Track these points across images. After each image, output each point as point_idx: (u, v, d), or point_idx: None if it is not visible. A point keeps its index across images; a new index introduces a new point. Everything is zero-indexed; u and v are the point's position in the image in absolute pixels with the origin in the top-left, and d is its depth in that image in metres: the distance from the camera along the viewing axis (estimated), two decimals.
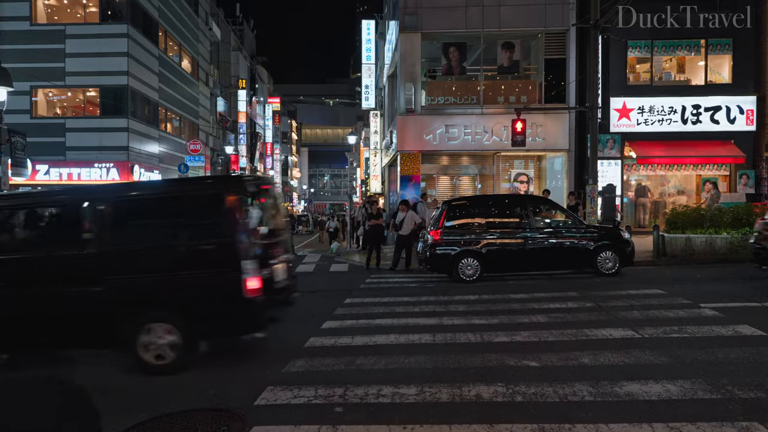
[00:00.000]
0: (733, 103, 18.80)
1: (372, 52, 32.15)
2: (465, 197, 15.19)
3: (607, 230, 11.56)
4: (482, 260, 11.00)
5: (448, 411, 4.28)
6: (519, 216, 11.48)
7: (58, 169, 21.01)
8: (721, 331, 6.31)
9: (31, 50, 21.03)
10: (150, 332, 5.50)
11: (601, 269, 10.89)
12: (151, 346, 5.50)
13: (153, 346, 5.50)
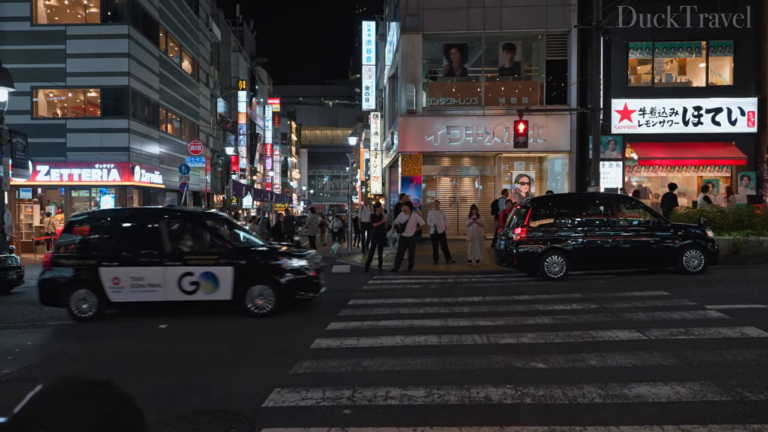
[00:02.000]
0: (734, 104, 18.82)
1: (372, 53, 32.15)
2: (550, 195, 15.17)
3: (693, 229, 11.41)
4: (567, 258, 11.11)
5: (457, 413, 4.26)
6: (604, 214, 11.56)
7: (58, 170, 20.96)
8: (728, 332, 6.29)
9: (32, 51, 20.99)
10: None
11: (686, 267, 10.93)
12: None
13: None
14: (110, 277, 8.43)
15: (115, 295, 8.45)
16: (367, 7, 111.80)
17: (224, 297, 8.34)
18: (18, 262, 12.71)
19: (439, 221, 14.65)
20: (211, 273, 8.31)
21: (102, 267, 8.48)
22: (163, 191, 25.27)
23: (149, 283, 8.36)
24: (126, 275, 8.42)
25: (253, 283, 8.37)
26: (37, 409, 0.86)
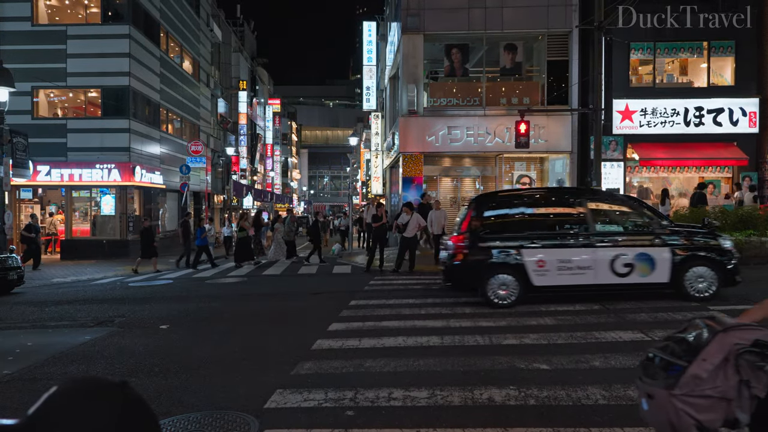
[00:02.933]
0: (736, 105, 18.79)
1: (373, 53, 32.13)
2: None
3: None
4: None
5: (461, 414, 4.23)
6: None
7: (59, 170, 20.93)
8: None
9: (33, 51, 20.97)
10: None
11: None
12: None
13: None
14: (534, 260, 8.25)
15: (539, 279, 8.26)
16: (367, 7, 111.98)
17: (661, 279, 8.12)
18: (18, 262, 12.70)
19: (439, 222, 14.63)
20: (647, 254, 8.10)
21: (525, 249, 8.32)
22: (164, 191, 25.25)
23: (578, 266, 8.15)
24: (552, 258, 8.25)
25: (692, 264, 8.13)
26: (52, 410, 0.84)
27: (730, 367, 2.52)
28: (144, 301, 10.34)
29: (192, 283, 13.43)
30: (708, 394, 2.50)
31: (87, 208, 22.29)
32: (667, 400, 2.53)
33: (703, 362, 2.54)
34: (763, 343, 2.52)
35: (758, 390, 2.53)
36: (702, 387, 2.50)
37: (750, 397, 2.53)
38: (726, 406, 2.52)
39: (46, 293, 12.15)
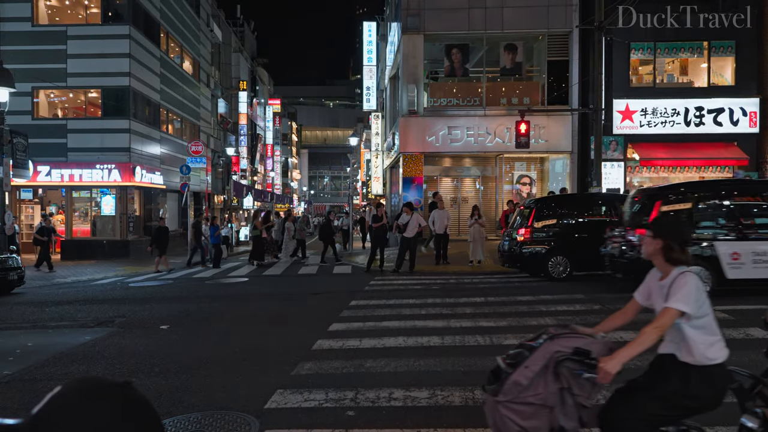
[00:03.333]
0: (736, 105, 18.79)
1: (373, 53, 32.13)
2: (553, 196, 14.75)
3: None
4: (572, 258, 11.05)
5: (462, 414, 4.23)
6: (607, 214, 11.54)
7: (59, 170, 20.92)
8: (732, 333, 6.26)
9: (33, 51, 20.96)
10: None
11: None
12: None
13: None
14: (729, 252, 8.22)
15: (732, 272, 8.27)
16: (367, 7, 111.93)
17: None
18: (19, 262, 12.69)
19: (442, 222, 14.63)
20: None
21: (718, 242, 8.25)
22: (164, 192, 25.25)
23: None
24: (747, 250, 8.25)
25: None
26: (55, 410, 0.84)
27: (550, 374, 2.54)
28: (144, 302, 10.34)
29: (192, 283, 13.42)
30: (530, 401, 2.52)
31: (87, 209, 22.28)
32: (494, 406, 2.56)
33: (525, 369, 2.58)
34: (582, 351, 2.56)
35: (582, 398, 2.58)
36: (524, 394, 2.52)
37: (575, 404, 2.57)
38: (549, 414, 2.54)
39: (47, 293, 12.14)
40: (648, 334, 2.60)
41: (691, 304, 2.64)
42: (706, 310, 2.73)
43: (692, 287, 2.67)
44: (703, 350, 2.70)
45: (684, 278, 2.71)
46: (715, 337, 2.73)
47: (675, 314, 2.64)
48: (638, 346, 2.57)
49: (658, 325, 2.62)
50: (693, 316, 2.66)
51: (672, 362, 2.77)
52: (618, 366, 2.51)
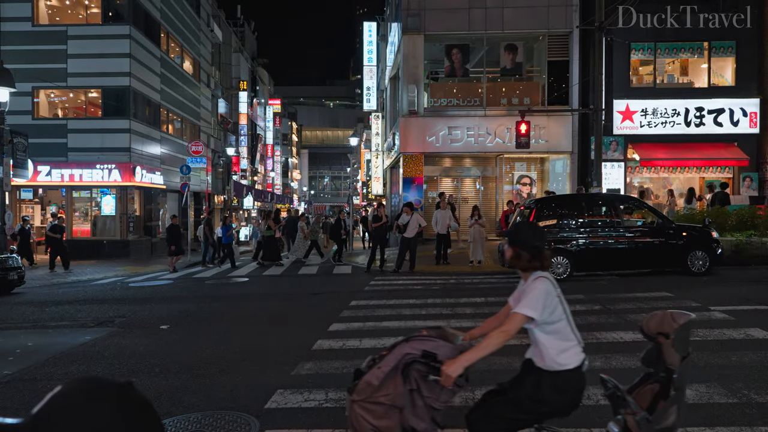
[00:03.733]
0: (737, 105, 18.79)
1: (373, 53, 32.13)
2: (554, 196, 14.71)
3: (697, 230, 11.38)
4: (572, 259, 11.08)
5: (462, 415, 4.21)
6: (608, 215, 11.58)
7: (59, 170, 20.93)
8: (733, 334, 6.26)
9: (33, 51, 20.97)
10: None
11: (691, 268, 10.96)
12: None
13: None
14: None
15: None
16: (367, 7, 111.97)
17: None
18: (19, 262, 12.69)
19: (444, 222, 14.62)
20: None
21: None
22: (164, 192, 25.25)
23: None
24: None
25: None
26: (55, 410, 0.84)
27: (399, 376, 2.59)
28: (144, 302, 10.34)
29: (192, 283, 13.42)
30: (381, 401, 2.58)
31: (87, 209, 22.28)
32: (350, 405, 2.64)
33: (377, 370, 2.64)
34: (429, 354, 2.61)
35: (432, 400, 2.61)
36: (376, 394, 2.58)
37: (426, 406, 2.60)
38: (399, 414, 2.58)
39: (47, 293, 12.14)
40: (493, 339, 2.62)
41: (538, 309, 2.64)
42: (558, 316, 2.72)
43: (540, 293, 2.67)
44: (554, 356, 2.71)
45: (534, 284, 2.72)
46: (569, 343, 2.73)
47: (522, 319, 2.65)
48: (481, 351, 2.60)
49: (504, 330, 2.64)
50: (540, 321, 2.67)
51: (529, 366, 2.81)
52: (459, 369, 2.52)
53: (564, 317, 2.74)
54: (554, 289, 2.72)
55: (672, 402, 2.53)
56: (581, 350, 2.76)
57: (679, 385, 2.55)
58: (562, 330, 2.73)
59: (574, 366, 2.70)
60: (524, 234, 2.86)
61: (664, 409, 2.52)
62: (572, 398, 2.76)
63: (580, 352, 2.76)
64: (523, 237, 2.82)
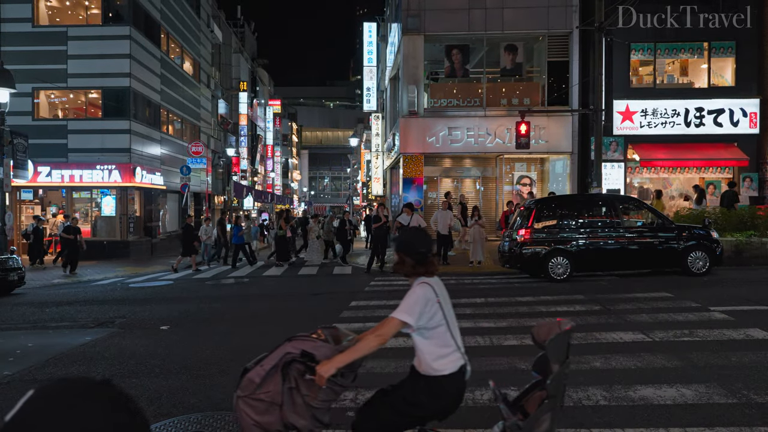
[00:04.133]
0: (737, 105, 18.79)
1: (373, 54, 32.14)
2: (554, 197, 14.75)
3: (697, 230, 11.36)
4: (572, 259, 11.08)
5: (461, 414, 4.21)
6: (608, 215, 11.58)
7: (59, 171, 20.94)
8: (733, 334, 6.26)
9: (33, 52, 20.98)
10: None
11: (691, 269, 10.92)
12: None
13: None
14: None
15: None
16: (367, 8, 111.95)
17: None
18: (19, 263, 12.70)
19: (444, 222, 14.62)
20: None
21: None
22: (164, 192, 25.26)
23: None
24: None
25: None
26: (30, 414, 0.81)
27: (278, 374, 2.67)
28: (144, 302, 10.35)
29: (193, 283, 13.43)
30: (261, 398, 2.65)
31: (87, 209, 22.29)
32: (236, 401, 2.71)
33: (259, 368, 2.72)
34: (308, 353, 2.69)
35: (311, 399, 2.67)
36: (258, 391, 2.65)
37: (306, 404, 2.66)
38: (279, 411, 2.65)
39: (47, 294, 12.15)
40: (367, 341, 2.66)
41: (413, 315, 2.66)
42: (437, 322, 2.73)
43: (417, 299, 2.69)
44: (430, 361, 2.74)
45: (414, 289, 2.75)
46: (447, 349, 2.75)
47: (397, 323, 2.67)
48: (355, 353, 2.63)
49: (379, 334, 2.67)
50: (417, 327, 2.69)
51: (411, 370, 2.86)
52: (331, 370, 2.57)
53: (443, 323, 2.76)
54: (434, 296, 2.74)
55: (545, 409, 2.56)
56: (461, 356, 2.80)
57: (553, 393, 2.57)
58: (440, 336, 2.75)
59: (450, 372, 2.74)
60: (409, 240, 2.88)
61: (537, 416, 2.56)
62: (448, 403, 2.81)
63: (459, 358, 2.79)
64: (408, 243, 2.84)
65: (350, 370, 2.81)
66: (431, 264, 2.83)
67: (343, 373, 2.74)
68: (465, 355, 2.84)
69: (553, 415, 2.59)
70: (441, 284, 2.90)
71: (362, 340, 2.69)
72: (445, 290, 2.91)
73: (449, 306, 2.85)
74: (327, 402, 2.75)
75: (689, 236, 11.11)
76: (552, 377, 2.58)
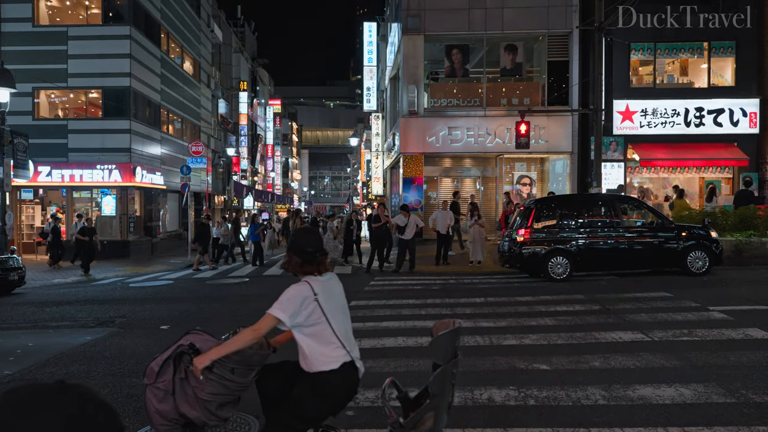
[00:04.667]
0: (736, 105, 18.79)
1: (373, 54, 32.15)
2: (553, 197, 14.70)
3: (696, 230, 11.35)
4: (572, 259, 11.08)
5: (461, 414, 4.24)
6: (608, 215, 11.58)
7: (60, 171, 20.94)
8: (731, 334, 6.27)
9: (34, 52, 20.99)
10: None
11: (691, 269, 10.90)
12: None
13: None
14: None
15: None
16: (367, 7, 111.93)
17: None
18: (19, 262, 12.71)
19: (444, 222, 14.62)
20: None
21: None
22: (165, 192, 25.27)
23: None
24: None
25: None
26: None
27: (170, 365, 2.81)
28: (145, 302, 10.36)
29: (193, 283, 13.44)
30: (160, 387, 2.80)
31: (88, 209, 22.30)
32: (145, 389, 2.86)
33: (159, 358, 2.86)
34: (194, 347, 2.82)
35: (198, 390, 2.77)
36: (157, 380, 2.79)
37: (195, 395, 2.77)
38: (173, 400, 2.79)
39: (47, 294, 12.16)
40: (242, 335, 2.73)
41: (288, 312, 2.72)
42: (315, 320, 2.77)
43: (292, 296, 2.75)
44: (312, 358, 2.80)
45: (291, 287, 2.81)
46: (328, 347, 2.79)
47: (272, 319, 2.73)
48: (229, 346, 2.71)
49: (254, 329, 2.73)
50: (290, 324, 2.75)
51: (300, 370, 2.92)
52: (206, 362, 2.67)
53: (323, 321, 2.78)
54: (312, 294, 2.77)
55: (427, 409, 2.60)
56: (346, 353, 2.81)
57: (435, 392, 2.60)
58: (319, 334, 2.78)
59: (332, 369, 2.78)
60: (297, 240, 2.96)
61: (418, 415, 2.60)
62: (336, 400, 2.84)
63: (344, 355, 2.81)
64: (295, 243, 2.91)
65: (245, 366, 2.87)
66: (319, 263, 2.89)
67: (234, 369, 2.80)
68: (353, 353, 2.85)
69: (437, 415, 2.61)
70: (332, 283, 2.93)
71: (239, 334, 2.75)
72: (335, 288, 2.93)
73: (335, 304, 2.87)
74: (218, 396, 2.82)
75: (689, 236, 11.12)
76: (434, 376, 2.60)
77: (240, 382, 2.87)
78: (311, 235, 2.99)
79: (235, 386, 2.86)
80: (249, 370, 2.91)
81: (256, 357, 2.94)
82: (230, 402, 2.94)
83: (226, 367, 2.80)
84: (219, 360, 2.76)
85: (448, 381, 2.69)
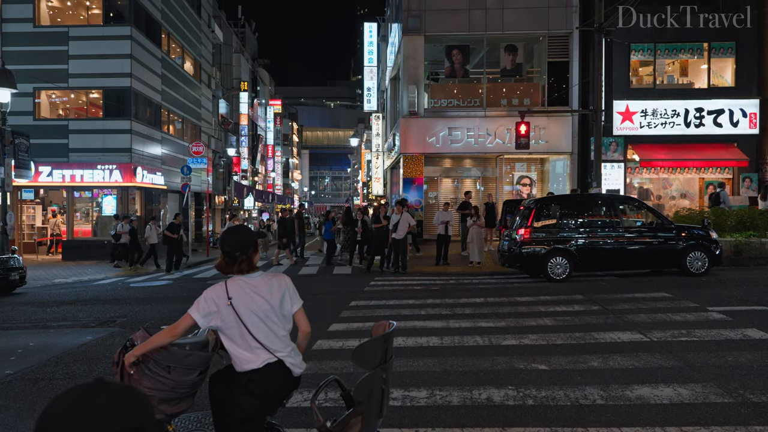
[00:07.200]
0: (736, 106, 18.81)
1: (374, 54, 32.18)
2: (553, 196, 14.71)
3: (696, 230, 11.37)
4: (571, 259, 11.11)
5: (460, 414, 4.27)
6: (608, 215, 11.60)
7: (61, 171, 20.97)
8: (730, 334, 6.29)
9: (35, 52, 21.02)
10: None
11: (690, 269, 10.89)
12: None
13: None
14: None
15: None
16: (368, 8, 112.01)
17: None
18: (20, 262, 12.74)
19: (445, 222, 14.63)
20: None
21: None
22: (165, 192, 25.30)
23: None
24: None
25: None
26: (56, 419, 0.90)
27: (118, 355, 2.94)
28: (146, 302, 10.38)
29: (193, 283, 13.47)
30: (116, 375, 2.92)
31: (88, 209, 22.33)
32: None
33: (116, 351, 3.01)
34: (133, 342, 2.95)
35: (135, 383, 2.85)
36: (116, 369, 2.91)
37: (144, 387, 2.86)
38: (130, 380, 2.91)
39: (48, 294, 12.19)
40: (162, 333, 2.78)
41: (201, 312, 2.75)
42: (230, 324, 2.78)
43: (208, 297, 2.78)
44: (236, 359, 2.85)
45: (209, 288, 2.84)
46: (247, 349, 2.80)
47: (188, 318, 2.77)
48: (149, 344, 2.77)
49: (173, 326, 2.78)
50: (203, 325, 2.80)
51: None
52: (131, 358, 2.75)
53: (238, 324, 2.78)
54: (225, 297, 2.77)
55: (352, 415, 2.61)
56: (270, 355, 2.81)
57: (360, 398, 2.59)
58: (233, 337, 2.81)
59: (256, 367, 2.80)
60: (222, 239, 3.00)
61: (344, 421, 2.61)
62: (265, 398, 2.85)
63: (268, 357, 2.81)
64: (224, 243, 2.93)
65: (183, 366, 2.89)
66: (242, 263, 2.86)
67: (170, 368, 2.83)
68: (279, 354, 2.82)
69: (365, 420, 2.59)
70: (254, 284, 2.85)
71: (159, 332, 2.80)
72: (263, 288, 2.85)
73: (256, 307, 2.80)
74: (156, 391, 2.85)
75: (688, 236, 11.14)
76: (359, 383, 2.59)
77: (180, 380, 2.88)
78: (232, 235, 2.94)
79: (174, 384, 2.87)
80: (188, 370, 2.91)
81: (194, 357, 2.93)
82: (175, 398, 2.94)
83: (160, 365, 2.83)
84: (154, 358, 2.81)
85: (377, 387, 2.65)
